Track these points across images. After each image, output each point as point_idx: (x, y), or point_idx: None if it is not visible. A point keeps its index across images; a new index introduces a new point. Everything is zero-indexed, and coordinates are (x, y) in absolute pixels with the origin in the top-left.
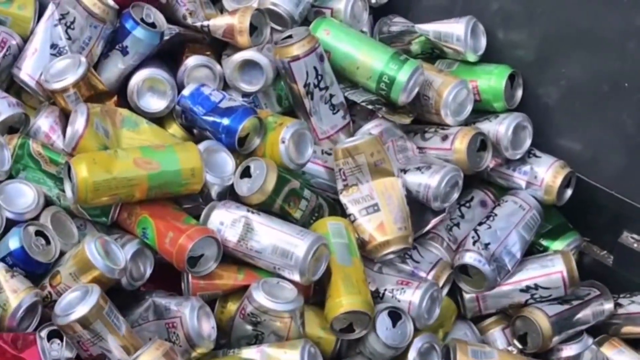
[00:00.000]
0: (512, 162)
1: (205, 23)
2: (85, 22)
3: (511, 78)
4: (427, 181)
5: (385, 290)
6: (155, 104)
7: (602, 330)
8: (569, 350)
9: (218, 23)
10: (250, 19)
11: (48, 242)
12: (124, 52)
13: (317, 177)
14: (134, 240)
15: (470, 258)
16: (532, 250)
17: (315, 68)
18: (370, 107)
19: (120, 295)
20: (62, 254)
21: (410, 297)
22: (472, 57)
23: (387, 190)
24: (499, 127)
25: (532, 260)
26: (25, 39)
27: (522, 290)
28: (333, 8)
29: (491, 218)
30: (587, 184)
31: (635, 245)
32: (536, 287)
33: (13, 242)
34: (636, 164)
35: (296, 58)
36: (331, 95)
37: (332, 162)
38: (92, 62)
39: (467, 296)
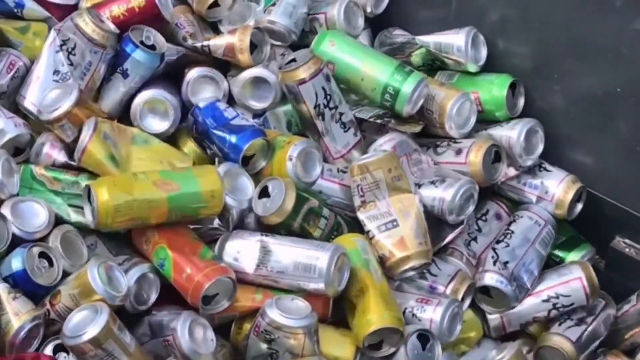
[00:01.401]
0: (522, 176)
1: (205, 43)
2: (86, 48)
3: (512, 87)
4: (441, 195)
5: (405, 309)
6: (158, 125)
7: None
8: None
9: (218, 43)
10: (250, 37)
11: (51, 264)
12: (125, 75)
13: (333, 195)
14: (142, 264)
15: (491, 279)
16: (548, 262)
17: (323, 88)
18: (379, 121)
19: (119, 316)
20: (69, 273)
21: (431, 314)
22: (473, 68)
23: (405, 207)
24: (511, 133)
25: (550, 272)
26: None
27: (544, 301)
28: (327, 13)
29: (508, 235)
30: None
31: (627, 249)
32: (557, 296)
33: (16, 263)
34: (629, 170)
35: (303, 81)
36: (341, 114)
37: (348, 180)
38: (94, 87)
39: (490, 316)
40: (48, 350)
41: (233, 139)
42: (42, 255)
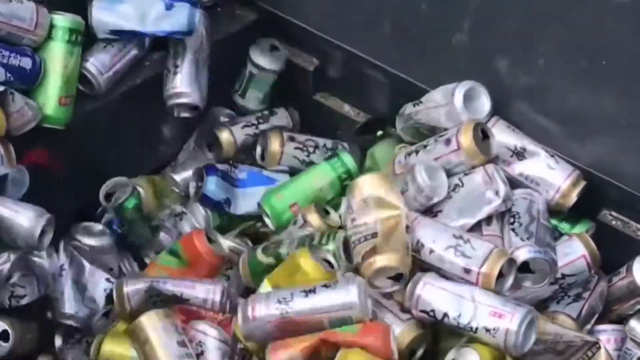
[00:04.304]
0: (524, 169)
1: None
2: None
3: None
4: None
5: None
6: None
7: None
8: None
9: None
10: None
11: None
12: None
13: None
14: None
15: (529, 252)
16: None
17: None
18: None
19: None
20: None
21: (508, 324)
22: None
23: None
24: (454, 100)
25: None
26: None
27: (551, 283)
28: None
29: (517, 216)
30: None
31: (614, 222)
32: (563, 276)
33: None
34: (615, 143)
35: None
36: None
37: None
38: None
39: None
40: None
41: None
42: None
